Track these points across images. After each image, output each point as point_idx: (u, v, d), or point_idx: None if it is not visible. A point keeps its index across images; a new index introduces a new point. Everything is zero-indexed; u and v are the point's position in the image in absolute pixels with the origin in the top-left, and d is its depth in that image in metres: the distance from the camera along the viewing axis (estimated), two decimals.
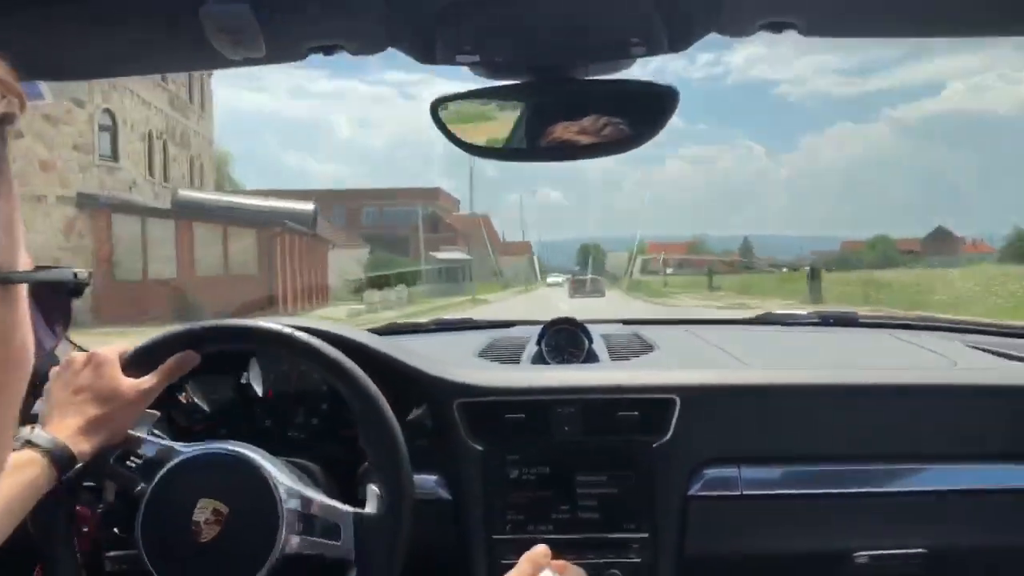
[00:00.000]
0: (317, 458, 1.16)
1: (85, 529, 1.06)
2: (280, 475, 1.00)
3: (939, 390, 1.24)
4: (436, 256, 36.04)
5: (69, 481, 0.93)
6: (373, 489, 1.01)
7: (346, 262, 28.67)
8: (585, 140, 1.04)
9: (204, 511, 0.97)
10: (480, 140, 1.09)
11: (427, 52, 0.92)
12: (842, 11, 0.85)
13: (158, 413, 1.06)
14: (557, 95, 1.04)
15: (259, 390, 1.27)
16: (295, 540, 0.97)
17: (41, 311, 0.49)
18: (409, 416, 1.20)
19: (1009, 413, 1.23)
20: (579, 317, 1.61)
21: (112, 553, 1.05)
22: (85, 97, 17.54)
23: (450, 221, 49.39)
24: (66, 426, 0.95)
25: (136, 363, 1.03)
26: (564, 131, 1.04)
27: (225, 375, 1.26)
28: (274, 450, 1.06)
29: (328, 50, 0.84)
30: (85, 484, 1.01)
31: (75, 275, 0.54)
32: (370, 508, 0.99)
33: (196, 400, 1.22)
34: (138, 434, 1.03)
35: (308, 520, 0.98)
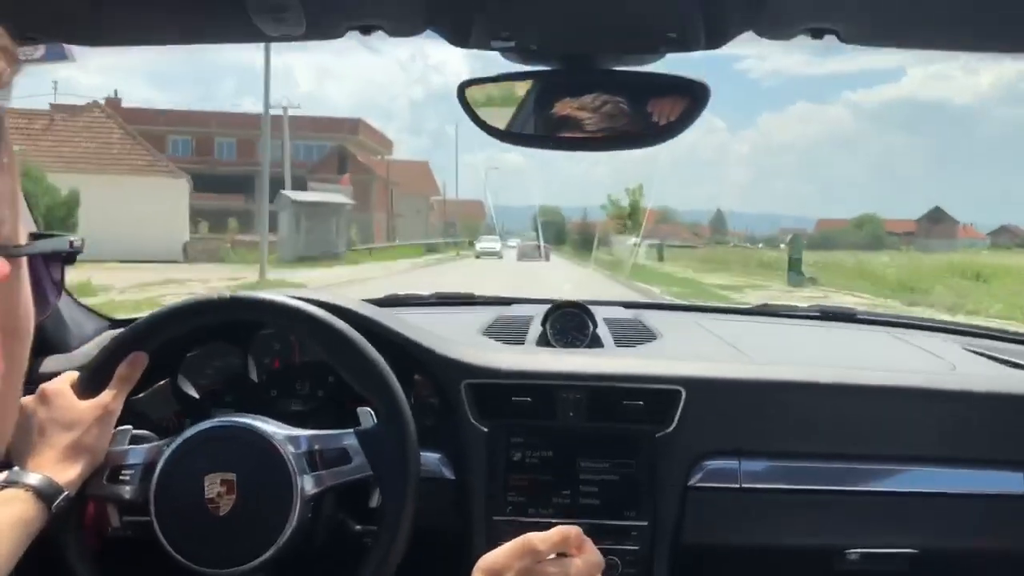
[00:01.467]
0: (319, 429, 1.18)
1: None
2: (273, 427, 1.04)
3: (937, 394, 1.27)
4: (291, 197, 24.16)
5: (62, 512, 0.95)
6: (366, 410, 1.07)
7: None
8: (588, 119, 1.06)
9: (214, 486, 1.00)
10: (502, 124, 1.10)
11: (463, 35, 0.92)
12: (885, 22, 0.86)
13: (131, 427, 1.08)
14: (584, 85, 1.04)
15: (257, 363, 1.28)
16: (309, 480, 1.01)
17: (35, 277, 0.50)
18: (414, 393, 1.22)
19: (1003, 419, 1.27)
20: (582, 298, 1.62)
21: (125, 519, 1.08)
22: None
23: (367, 162, 37.88)
24: (42, 462, 0.97)
25: (88, 384, 1.05)
26: (564, 107, 1.06)
27: (234, 346, 1.27)
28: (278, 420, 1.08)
29: (366, 30, 0.84)
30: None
31: (71, 243, 0.55)
32: (367, 424, 1.06)
33: (184, 389, 1.24)
34: (118, 448, 1.05)
35: (314, 457, 1.03)
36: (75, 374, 1.07)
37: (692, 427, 1.22)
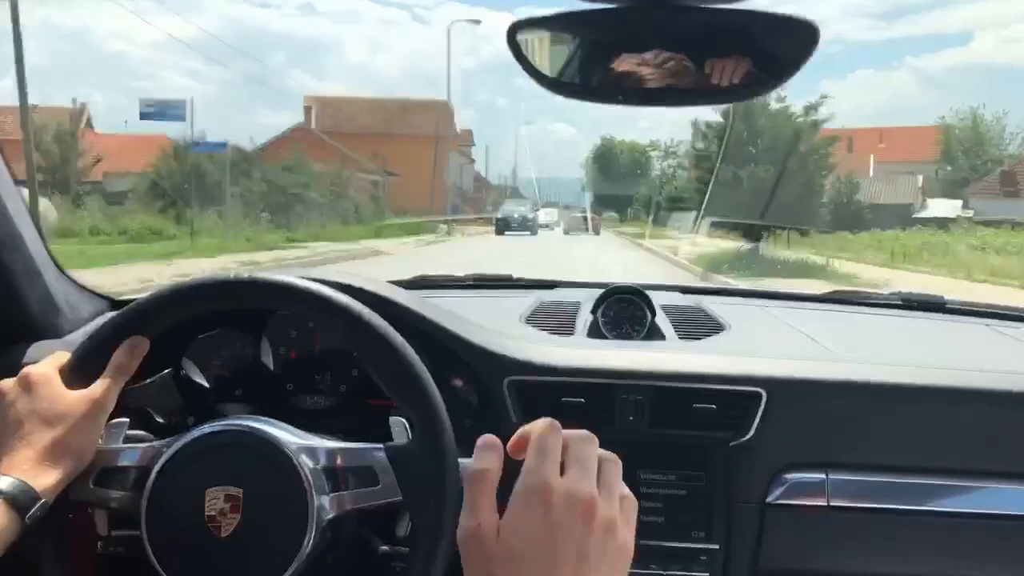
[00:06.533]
0: (341, 430, 1.04)
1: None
2: (289, 435, 0.90)
3: None
4: None
5: (39, 522, 0.82)
6: (399, 420, 0.91)
7: None
8: (650, 74, 0.91)
9: (216, 502, 0.86)
10: (558, 74, 0.94)
11: None
12: None
13: (127, 421, 0.94)
14: (662, 26, 0.88)
15: (272, 352, 1.16)
16: (328, 501, 0.87)
17: None
18: (448, 390, 1.08)
19: None
20: (633, 281, 1.47)
21: (114, 533, 0.95)
22: None
23: None
24: (17, 462, 0.83)
25: (79, 371, 0.91)
26: (622, 63, 0.90)
27: (246, 331, 1.14)
28: (293, 420, 0.94)
29: None
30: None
31: None
32: (400, 439, 0.90)
33: (191, 377, 1.13)
34: (110, 446, 0.91)
35: (335, 474, 0.88)
36: (65, 356, 0.93)
37: (773, 435, 1.07)
